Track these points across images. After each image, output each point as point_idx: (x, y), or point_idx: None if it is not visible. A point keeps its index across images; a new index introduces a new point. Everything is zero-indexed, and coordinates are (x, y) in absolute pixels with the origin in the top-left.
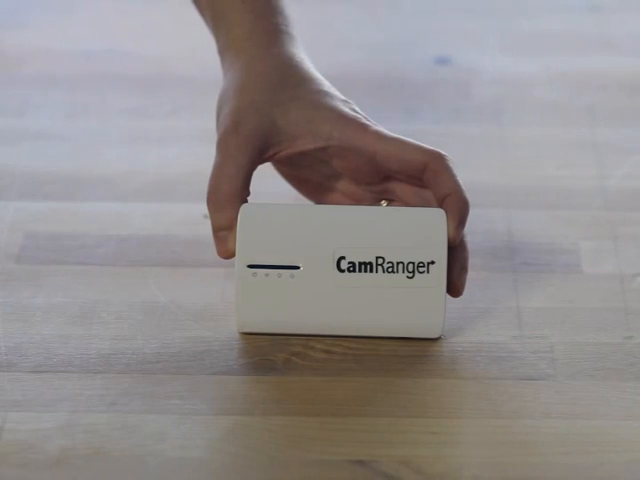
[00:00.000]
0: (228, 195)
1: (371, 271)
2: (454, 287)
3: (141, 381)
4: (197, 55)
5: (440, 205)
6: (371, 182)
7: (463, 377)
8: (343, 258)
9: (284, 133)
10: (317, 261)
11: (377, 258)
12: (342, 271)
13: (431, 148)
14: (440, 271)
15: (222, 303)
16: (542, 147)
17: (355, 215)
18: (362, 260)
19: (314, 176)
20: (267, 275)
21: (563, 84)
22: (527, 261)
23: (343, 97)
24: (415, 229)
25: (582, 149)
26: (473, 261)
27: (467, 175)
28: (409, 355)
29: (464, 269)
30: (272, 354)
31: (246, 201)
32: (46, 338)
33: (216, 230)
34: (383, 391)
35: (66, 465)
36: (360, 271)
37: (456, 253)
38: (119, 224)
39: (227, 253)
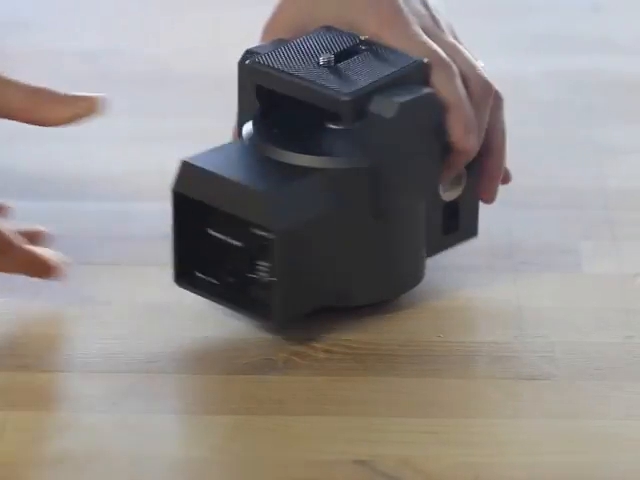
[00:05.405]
0: None
1: None
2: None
3: (142, 381)
4: (197, 55)
5: None
6: None
7: (463, 377)
8: None
9: None
10: None
11: None
12: None
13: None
14: None
15: None
16: (542, 147)
17: None
18: None
19: None
20: None
21: (563, 84)
22: (527, 261)
23: None
24: None
25: (582, 149)
26: (473, 261)
27: None
28: (409, 355)
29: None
30: (272, 353)
31: None
32: (47, 338)
33: None
34: (383, 391)
35: (66, 465)
36: None
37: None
38: (119, 224)
39: None
